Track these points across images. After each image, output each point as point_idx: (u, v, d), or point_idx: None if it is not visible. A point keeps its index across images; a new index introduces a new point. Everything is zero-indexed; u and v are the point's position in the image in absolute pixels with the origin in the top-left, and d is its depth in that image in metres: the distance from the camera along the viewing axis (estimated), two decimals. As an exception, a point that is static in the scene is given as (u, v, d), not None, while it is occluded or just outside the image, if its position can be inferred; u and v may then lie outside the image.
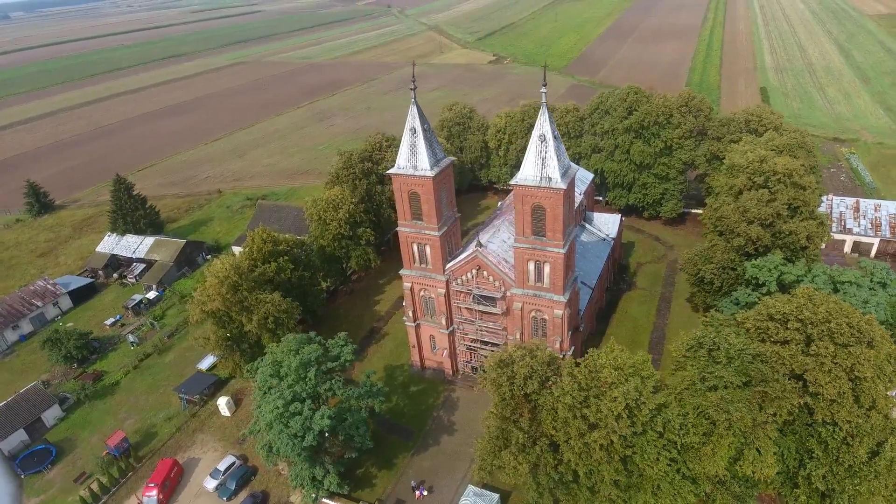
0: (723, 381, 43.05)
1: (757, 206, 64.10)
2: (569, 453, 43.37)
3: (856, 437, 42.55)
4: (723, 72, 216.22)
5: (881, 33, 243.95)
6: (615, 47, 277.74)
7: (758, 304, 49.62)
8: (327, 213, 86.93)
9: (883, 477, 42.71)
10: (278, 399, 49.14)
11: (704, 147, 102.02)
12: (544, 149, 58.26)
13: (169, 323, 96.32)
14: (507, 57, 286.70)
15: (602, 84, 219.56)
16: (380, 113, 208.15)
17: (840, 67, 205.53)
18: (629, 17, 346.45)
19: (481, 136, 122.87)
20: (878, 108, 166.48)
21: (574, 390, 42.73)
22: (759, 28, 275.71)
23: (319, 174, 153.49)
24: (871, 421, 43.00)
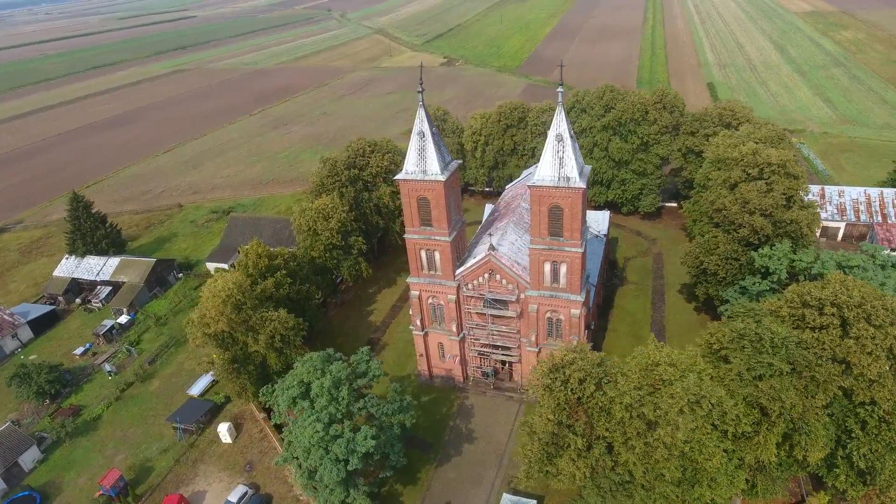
0: (771, 369, 43.68)
1: (758, 197, 65.94)
2: (628, 454, 42.88)
3: (895, 414, 44.14)
4: (670, 69, 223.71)
5: (808, 29, 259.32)
6: (563, 47, 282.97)
7: (785, 293, 50.71)
8: (318, 223, 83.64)
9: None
10: (315, 422, 46.30)
11: (679, 142, 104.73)
12: (562, 149, 57.92)
13: (147, 348, 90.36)
14: (459, 59, 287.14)
15: (556, 84, 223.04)
16: (337, 118, 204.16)
17: (777, 62, 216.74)
18: (572, 17, 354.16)
19: (457, 139, 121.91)
20: (818, 100, 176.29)
21: (631, 389, 42.28)
22: (696, 27, 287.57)
23: (286, 183, 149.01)
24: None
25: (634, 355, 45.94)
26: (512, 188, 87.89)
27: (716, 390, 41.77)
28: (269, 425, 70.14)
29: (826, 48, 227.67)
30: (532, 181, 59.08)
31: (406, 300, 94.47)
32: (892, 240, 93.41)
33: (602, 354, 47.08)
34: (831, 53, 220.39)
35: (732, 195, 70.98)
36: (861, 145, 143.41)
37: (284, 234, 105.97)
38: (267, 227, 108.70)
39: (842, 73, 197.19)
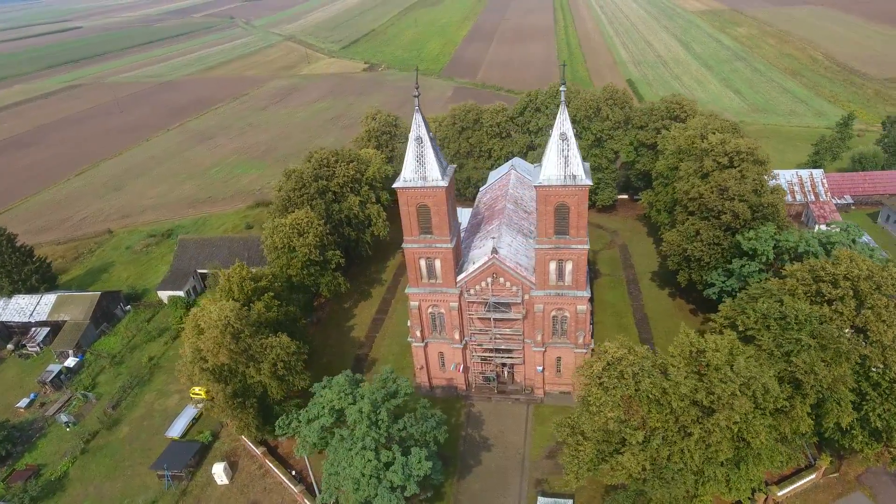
0: (799, 345, 45.97)
1: (737, 184, 69.60)
2: (684, 442, 43.57)
3: (869, 330, 47.84)
4: (589, 68, 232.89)
5: (707, 27, 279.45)
6: (483, 49, 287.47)
7: (795, 272, 53.63)
8: (293, 239, 79.22)
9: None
10: (363, 450, 43.32)
11: (631, 136, 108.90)
12: (566, 147, 58.21)
13: (105, 391, 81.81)
14: (381, 64, 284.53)
15: (485, 85, 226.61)
16: (265, 129, 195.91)
17: (685, 58, 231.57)
18: (486, 20, 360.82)
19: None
20: (728, 92, 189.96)
21: (685, 379, 43.01)
22: (605, 27, 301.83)
23: (226, 200, 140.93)
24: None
25: (676, 345, 46.82)
26: (488, 191, 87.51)
27: (764, 370, 43.36)
28: (268, 459, 65.46)
29: (725, 44, 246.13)
30: (538, 181, 58.92)
31: (386, 312, 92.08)
32: (825, 216, 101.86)
33: (646, 347, 47.61)
34: (731, 48, 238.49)
35: (706, 183, 74.52)
36: (774, 132, 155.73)
37: (244, 255, 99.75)
38: (222, 247, 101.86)
39: (744, 66, 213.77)
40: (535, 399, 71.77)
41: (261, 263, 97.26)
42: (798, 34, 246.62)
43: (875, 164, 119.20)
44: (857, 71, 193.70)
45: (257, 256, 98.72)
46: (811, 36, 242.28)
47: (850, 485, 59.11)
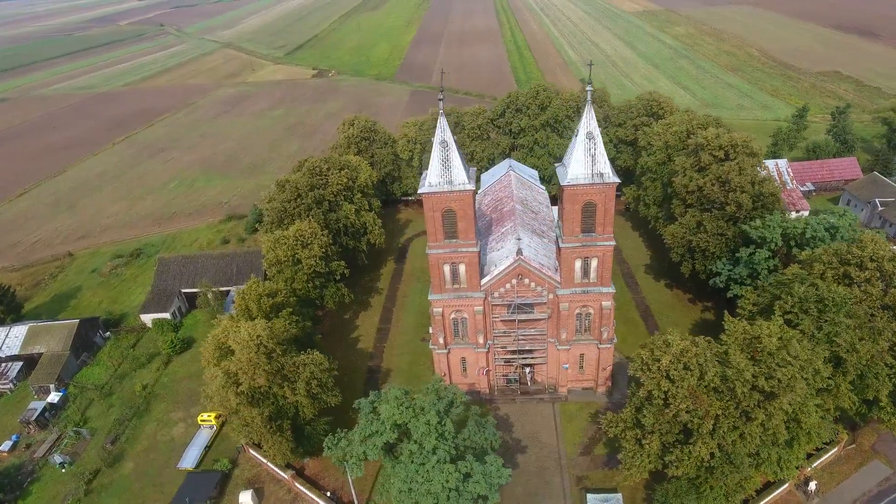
0: (841, 325, 48.37)
1: (738, 176, 72.58)
2: (747, 426, 44.88)
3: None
4: (541, 68, 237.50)
5: (647, 27, 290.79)
6: (432, 52, 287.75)
7: (821, 256, 56.33)
8: (298, 251, 76.47)
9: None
10: (441, 464, 42.00)
11: (610, 133, 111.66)
12: (593, 146, 58.86)
13: (99, 426, 76.21)
14: (330, 69, 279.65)
15: (442, 88, 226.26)
16: (221, 139, 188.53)
17: (632, 58, 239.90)
18: (431, 23, 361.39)
19: (390, 150, 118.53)
20: (677, 88, 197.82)
21: (748, 367, 44.33)
22: (550, 29, 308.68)
23: (194, 214, 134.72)
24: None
25: (730, 333, 48.25)
26: (487, 193, 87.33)
27: (817, 352, 45.30)
28: (298, 482, 62.73)
29: (668, 43, 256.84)
30: (565, 181, 59.25)
31: (389, 321, 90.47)
32: (795, 203, 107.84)
33: (703, 338, 48.74)
34: (673, 47, 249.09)
35: (705, 177, 77.33)
36: (726, 125, 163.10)
37: (232, 270, 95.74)
38: (208, 265, 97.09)
39: (688, 63, 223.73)
40: (559, 397, 72.21)
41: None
42: (732, 32, 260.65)
43: (828, 153, 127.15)
44: (792, 66, 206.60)
45: (248, 272, 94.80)
46: (744, 34, 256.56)
47: (867, 454, 62.67)
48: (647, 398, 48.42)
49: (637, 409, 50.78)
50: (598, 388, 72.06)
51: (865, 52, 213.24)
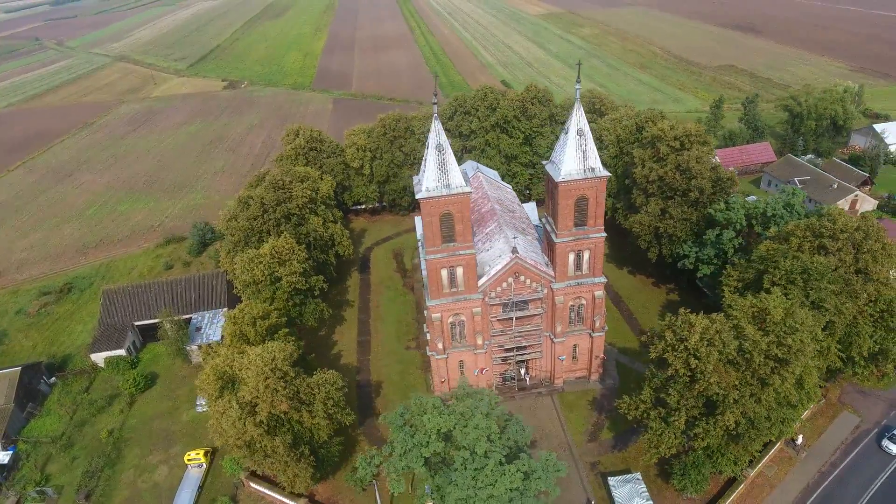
0: (826, 291, 53.26)
1: (698, 164, 77.76)
2: (763, 392, 48.31)
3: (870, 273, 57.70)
4: (461, 72, 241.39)
5: (554, 28, 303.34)
6: (348, 59, 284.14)
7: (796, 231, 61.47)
8: (277, 269, 73.02)
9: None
10: (499, 466, 41.48)
11: (556, 131, 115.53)
12: (584, 142, 60.81)
13: (64, 482, 68.78)
14: (242, 80, 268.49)
15: (364, 95, 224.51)
16: (137, 159, 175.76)
17: (546, 58, 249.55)
18: (339, 30, 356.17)
19: (340, 159, 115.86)
20: (595, 87, 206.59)
21: (762, 338, 47.73)
22: (461, 33, 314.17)
23: (124, 241, 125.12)
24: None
25: (737, 308, 51.65)
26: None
27: (819, 318, 49.57)
28: (311, 509, 59.94)
29: (576, 43, 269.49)
30: (560, 178, 60.72)
31: (368, 334, 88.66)
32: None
33: (716, 315, 51.68)
34: (582, 47, 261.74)
35: (664, 167, 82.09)
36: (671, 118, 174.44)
37: (191, 297, 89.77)
38: (163, 294, 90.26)
39: (599, 62, 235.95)
40: (556, 389, 73.89)
41: (218, 303, 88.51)
42: (634, 32, 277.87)
43: (742, 139, 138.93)
44: (692, 62, 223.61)
45: (209, 297, 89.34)
46: (645, 33, 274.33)
47: (837, 407, 69.27)
48: (670, 378, 50.82)
49: (657, 390, 53.13)
50: (592, 376, 74.48)
51: (752, 47, 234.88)
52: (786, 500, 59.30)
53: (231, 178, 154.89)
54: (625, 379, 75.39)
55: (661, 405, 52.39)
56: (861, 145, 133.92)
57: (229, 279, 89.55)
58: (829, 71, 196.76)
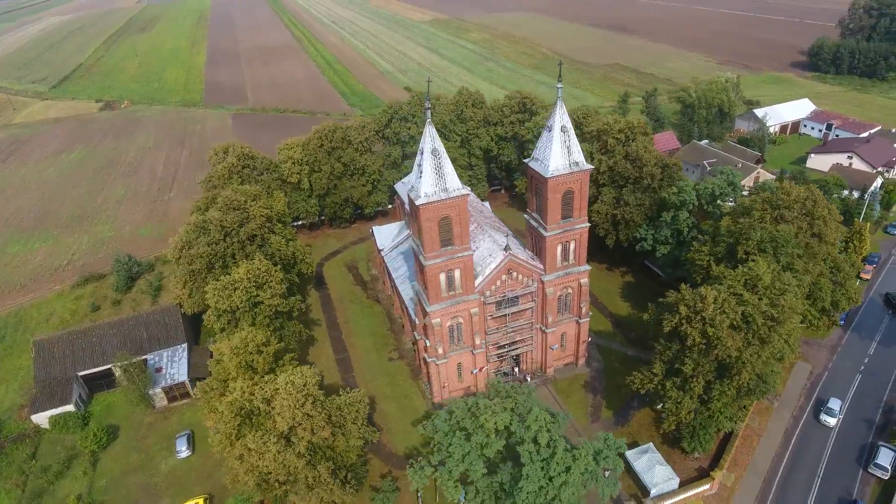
0: (793, 255, 60.28)
1: (647, 153, 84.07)
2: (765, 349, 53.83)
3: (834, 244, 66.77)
4: (361, 80, 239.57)
5: (443, 34, 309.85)
6: (236, 73, 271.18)
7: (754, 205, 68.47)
8: (256, 293, 68.85)
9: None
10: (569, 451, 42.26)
11: (491, 132, 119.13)
12: (567, 138, 63.68)
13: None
14: (120, 100, 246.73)
15: (264, 109, 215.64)
16: (18, 193, 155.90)
17: (442, 63, 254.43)
18: (218, 42, 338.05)
19: (275, 176, 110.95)
20: (496, 89, 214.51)
21: (760, 303, 53.10)
22: (352, 41, 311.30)
23: (29, 287, 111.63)
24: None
25: (731, 277, 56.84)
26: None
27: (802, 279, 55.95)
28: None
29: (469, 48, 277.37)
30: (548, 174, 63.07)
31: (345, 349, 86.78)
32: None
33: (718, 286, 56.34)
34: (476, 52, 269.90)
35: (612, 157, 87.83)
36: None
37: (142, 336, 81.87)
38: (107, 337, 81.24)
39: (495, 65, 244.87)
40: (548, 378, 76.39)
41: (175, 339, 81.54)
42: (521, 35, 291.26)
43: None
44: (581, 61, 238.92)
45: (163, 334, 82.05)
46: (532, 36, 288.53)
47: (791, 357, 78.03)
48: (684, 348, 54.91)
49: (668, 362, 57.12)
50: (579, 361, 77.93)
51: (631, 46, 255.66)
52: (772, 445, 66.10)
53: (140, 206, 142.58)
54: (607, 359, 79.87)
55: (674, 375, 56.40)
56: (745, 129, 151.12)
57: (185, 312, 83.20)
58: (699, 65, 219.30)
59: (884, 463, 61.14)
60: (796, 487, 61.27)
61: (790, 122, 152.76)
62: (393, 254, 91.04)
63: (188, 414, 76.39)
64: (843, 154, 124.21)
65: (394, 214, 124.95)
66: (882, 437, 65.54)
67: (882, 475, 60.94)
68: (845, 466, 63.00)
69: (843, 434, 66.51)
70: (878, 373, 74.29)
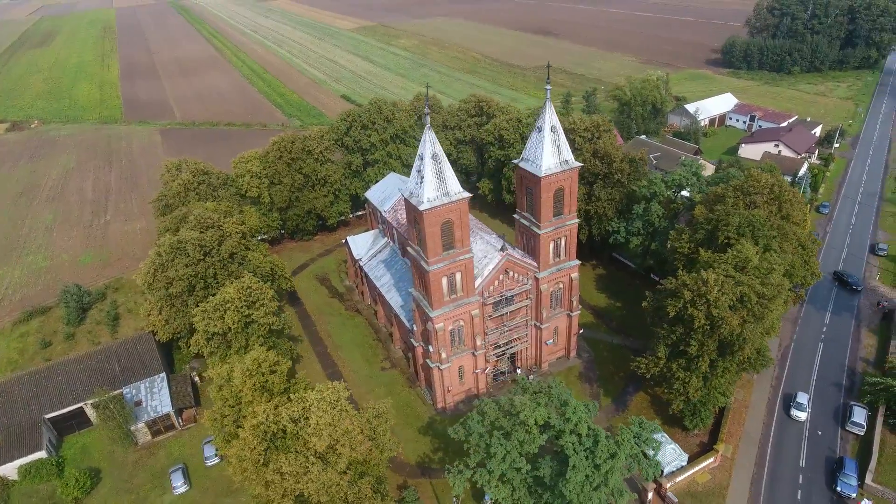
0: (769, 237, 65.11)
1: (615, 150, 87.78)
2: (759, 324, 57.88)
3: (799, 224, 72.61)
4: (295, 90, 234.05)
5: (371, 41, 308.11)
6: (156, 87, 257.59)
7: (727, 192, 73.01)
8: (249, 312, 66.11)
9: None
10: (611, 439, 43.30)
11: (450, 136, 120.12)
12: (557, 138, 65.57)
13: None
14: (28, 120, 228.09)
15: (196, 123, 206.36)
16: None
17: (377, 71, 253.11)
18: (131, 55, 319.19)
19: (233, 191, 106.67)
20: (434, 93, 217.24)
21: (754, 282, 57.05)
22: (279, 51, 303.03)
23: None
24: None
25: (724, 260, 60.54)
26: (398, 207, 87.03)
27: (785, 258, 60.48)
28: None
29: (400, 54, 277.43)
30: (541, 173, 64.62)
31: (334, 364, 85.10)
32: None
33: (718, 269, 59.74)
34: (407, 57, 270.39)
35: (580, 156, 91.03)
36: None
37: (114, 369, 76.51)
38: (73, 374, 75.09)
39: (429, 70, 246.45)
40: (545, 373, 78.03)
41: (151, 369, 76.75)
42: (450, 41, 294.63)
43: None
44: (512, 64, 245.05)
45: (136, 365, 77.03)
46: (460, 41, 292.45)
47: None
48: (688, 331, 57.99)
49: (673, 345, 60.10)
50: (570, 354, 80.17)
51: (557, 48, 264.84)
52: (759, 414, 70.86)
53: (74, 232, 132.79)
54: (596, 349, 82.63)
55: (679, 357, 59.44)
56: (677, 123, 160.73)
57: (160, 339, 78.50)
58: (624, 64, 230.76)
59: (859, 420, 67.09)
60: (787, 451, 66.06)
61: (717, 116, 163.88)
62: (372, 263, 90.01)
63: (175, 447, 72.06)
64: (771, 143, 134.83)
65: (356, 224, 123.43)
66: (851, 397, 71.90)
67: (858, 431, 66.84)
68: (826, 427, 68.56)
69: (818, 399, 72.32)
70: (836, 340, 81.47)
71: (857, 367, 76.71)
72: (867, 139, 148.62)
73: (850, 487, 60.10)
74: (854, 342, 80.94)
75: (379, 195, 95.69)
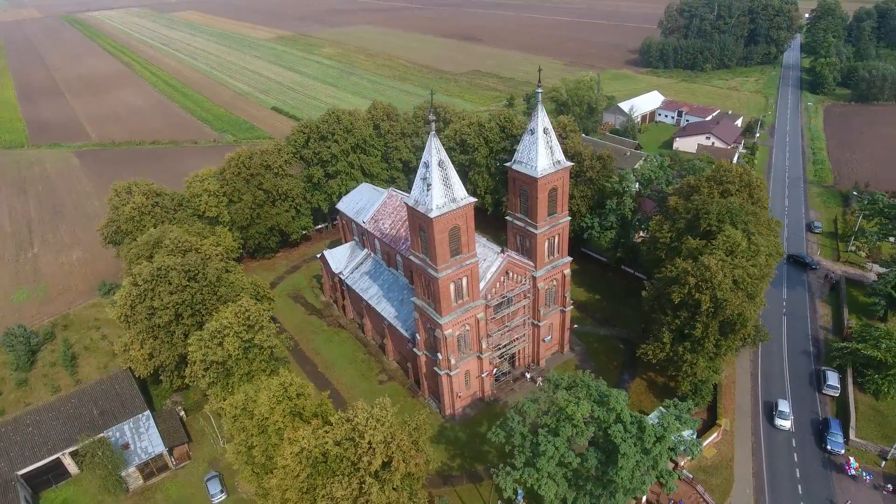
0: (747, 223, 70.14)
1: (585, 148, 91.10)
2: (752, 304, 62.27)
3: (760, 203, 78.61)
4: (219, 104, 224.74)
5: (293, 51, 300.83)
6: (62, 106, 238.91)
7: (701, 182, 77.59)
8: (251, 336, 63.00)
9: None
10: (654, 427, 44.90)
11: (408, 143, 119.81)
12: (549, 139, 67.36)
13: None
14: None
15: (116, 144, 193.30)
16: None
17: (305, 81, 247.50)
18: (26, 75, 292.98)
19: (192, 212, 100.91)
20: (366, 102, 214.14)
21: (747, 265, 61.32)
22: (195, 64, 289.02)
23: None
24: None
25: (716, 246, 64.45)
26: (379, 217, 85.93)
27: (769, 240, 65.27)
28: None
29: (325, 63, 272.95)
30: (538, 174, 66.10)
31: (328, 383, 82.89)
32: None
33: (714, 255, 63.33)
34: (335, 66, 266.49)
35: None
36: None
37: (92, 413, 70.55)
38: (46, 423, 68.35)
39: (359, 79, 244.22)
40: (543, 370, 79.57)
41: (134, 408, 71.34)
42: (374, 49, 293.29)
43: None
44: (442, 70, 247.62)
45: (116, 406, 71.33)
46: (384, 49, 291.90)
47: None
48: (692, 314, 61.30)
49: (677, 330, 63.29)
50: (565, 349, 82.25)
51: (482, 54, 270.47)
52: (746, 388, 75.84)
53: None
54: (586, 342, 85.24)
55: (683, 341, 62.72)
56: (612, 121, 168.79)
57: (139, 376, 73.05)
58: (551, 67, 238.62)
59: (833, 383, 73.47)
60: (778, 419, 71.32)
61: (647, 112, 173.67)
62: (355, 276, 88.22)
63: (173, 489, 67.28)
64: (702, 135, 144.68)
65: (318, 238, 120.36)
66: (821, 363, 78.56)
67: (834, 394, 73.18)
68: (805, 392, 74.52)
69: (793, 369, 78.38)
70: (796, 313, 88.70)
71: (820, 335, 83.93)
72: (781, 128, 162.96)
73: (839, 444, 65.75)
74: (812, 313, 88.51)
75: (353, 206, 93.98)
